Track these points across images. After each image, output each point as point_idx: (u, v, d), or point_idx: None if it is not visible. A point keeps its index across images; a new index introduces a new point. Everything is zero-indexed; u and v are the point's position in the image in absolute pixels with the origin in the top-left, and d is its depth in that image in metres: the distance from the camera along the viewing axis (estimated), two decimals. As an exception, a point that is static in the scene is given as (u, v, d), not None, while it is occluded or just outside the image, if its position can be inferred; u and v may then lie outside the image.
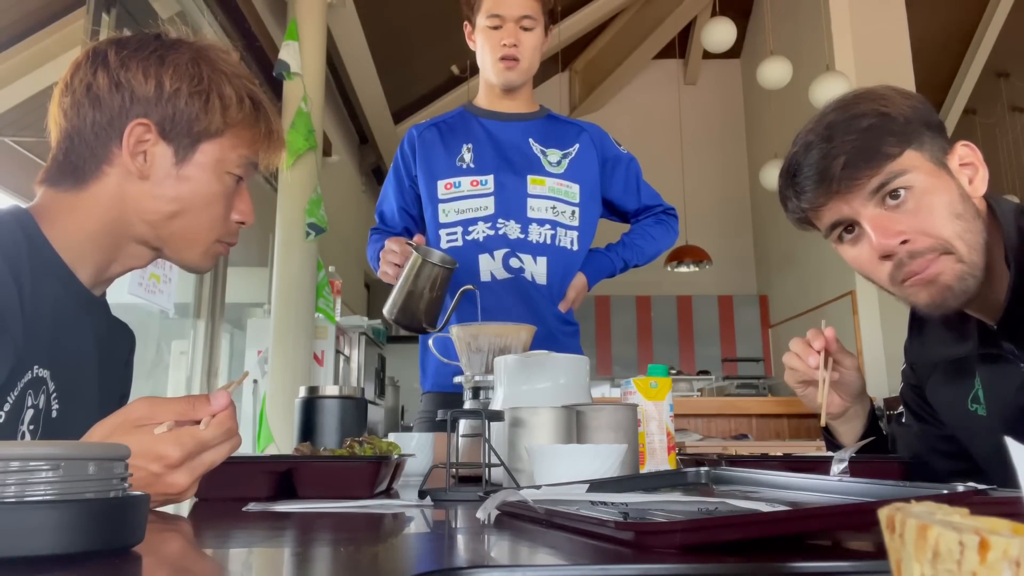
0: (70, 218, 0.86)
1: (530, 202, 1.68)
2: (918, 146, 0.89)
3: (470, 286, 1.42)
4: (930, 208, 0.88)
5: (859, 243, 0.93)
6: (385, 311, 1.47)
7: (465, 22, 1.76)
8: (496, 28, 1.67)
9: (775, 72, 4.76)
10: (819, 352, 1.04)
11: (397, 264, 1.51)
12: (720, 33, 4.81)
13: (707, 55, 7.54)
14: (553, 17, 1.77)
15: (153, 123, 0.85)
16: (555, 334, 1.66)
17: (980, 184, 0.92)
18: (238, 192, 0.93)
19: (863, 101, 0.92)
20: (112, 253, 0.89)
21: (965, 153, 0.93)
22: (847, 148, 0.89)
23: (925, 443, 1.08)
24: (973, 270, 0.87)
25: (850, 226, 0.93)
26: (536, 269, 1.66)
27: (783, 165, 0.98)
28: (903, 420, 1.14)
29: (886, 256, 0.89)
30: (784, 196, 0.98)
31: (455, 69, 6.70)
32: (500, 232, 1.66)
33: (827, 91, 4.45)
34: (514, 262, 1.65)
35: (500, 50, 1.67)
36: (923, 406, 1.09)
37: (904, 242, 0.88)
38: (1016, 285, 0.87)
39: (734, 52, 7.15)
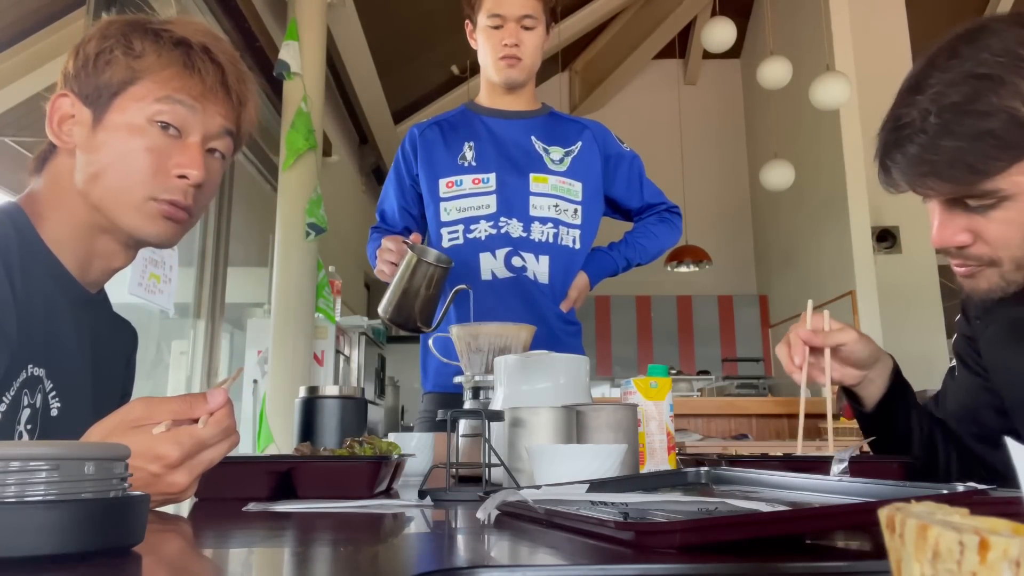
0: (55, 213, 0.86)
1: (532, 200, 1.68)
2: None
3: (463, 286, 1.41)
4: (1010, 226, 0.81)
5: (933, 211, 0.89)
6: (380, 310, 1.47)
7: (466, 21, 1.76)
8: (497, 28, 1.67)
9: (775, 72, 4.76)
10: (799, 366, 1.02)
11: (393, 263, 1.51)
12: (720, 33, 4.81)
13: (707, 55, 7.54)
14: (554, 15, 1.77)
15: (73, 93, 0.86)
16: (557, 334, 1.65)
17: None
18: (181, 145, 0.86)
19: (1001, 86, 0.77)
20: (88, 247, 0.87)
21: None
22: (944, 157, 0.80)
23: (975, 397, 1.03)
24: (1009, 286, 0.87)
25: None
26: (538, 268, 1.66)
27: (883, 122, 0.89)
28: (955, 374, 1.08)
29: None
30: (877, 153, 0.89)
31: (455, 69, 6.70)
32: (502, 231, 1.65)
33: (827, 91, 4.45)
34: (516, 261, 1.65)
35: (501, 50, 1.67)
36: (976, 359, 1.04)
37: (962, 247, 0.85)
38: None
39: (734, 52, 7.15)
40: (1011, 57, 0.78)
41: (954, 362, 1.09)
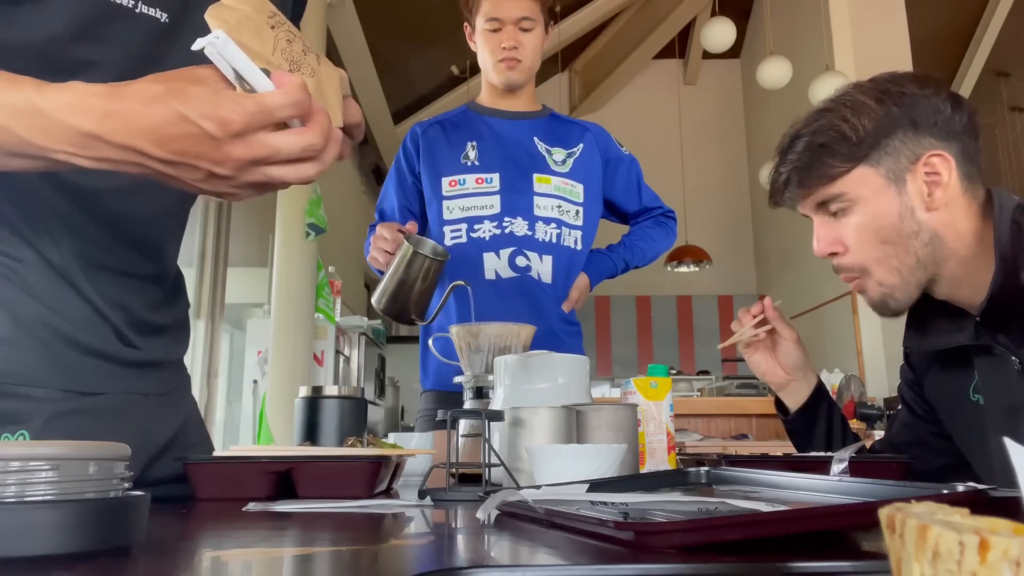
0: None
1: (536, 200, 1.68)
2: (876, 159, 0.93)
3: (461, 282, 1.40)
4: (862, 230, 0.94)
5: None
6: (374, 300, 1.46)
7: (465, 23, 1.76)
8: (495, 31, 1.67)
9: (775, 72, 4.76)
10: (754, 316, 1.18)
11: (387, 251, 1.50)
12: (720, 33, 4.81)
13: (707, 55, 7.54)
14: (552, 15, 1.77)
15: None
16: (558, 334, 1.66)
17: (940, 197, 0.92)
18: None
19: (833, 109, 0.97)
20: None
21: (936, 162, 0.92)
22: (790, 167, 0.98)
23: (913, 433, 1.13)
24: (894, 291, 0.95)
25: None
26: (542, 268, 1.66)
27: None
28: (898, 415, 1.18)
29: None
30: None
31: (455, 69, 6.70)
32: (507, 230, 1.65)
33: (827, 91, 4.44)
34: (520, 260, 1.65)
35: (500, 52, 1.67)
36: (919, 402, 1.12)
37: (833, 253, 0.97)
38: (999, 278, 0.89)
39: (734, 52, 7.15)
40: (843, 95, 0.98)
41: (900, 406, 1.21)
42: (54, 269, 0.80)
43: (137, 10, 0.79)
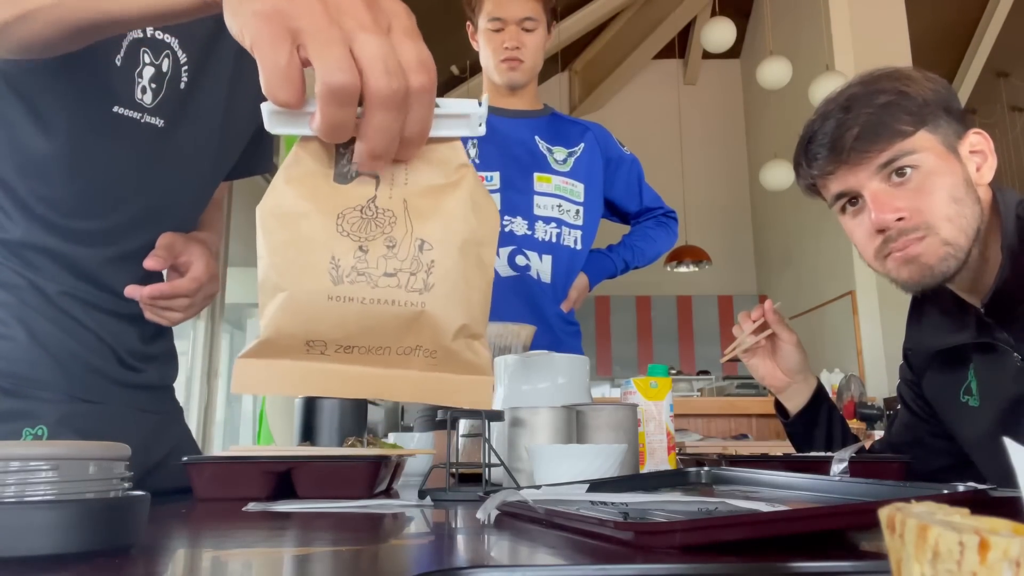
0: None
1: (536, 199, 1.68)
2: (932, 128, 0.92)
3: None
4: (932, 189, 0.91)
5: (860, 215, 0.96)
6: None
7: (468, 23, 1.76)
8: (498, 31, 1.67)
9: (775, 72, 4.76)
10: (755, 321, 1.17)
11: None
12: (720, 33, 4.81)
13: (707, 55, 7.54)
14: (555, 14, 1.77)
15: None
16: (557, 334, 1.66)
17: (987, 172, 0.94)
18: None
19: (886, 78, 0.95)
20: None
21: (977, 141, 0.95)
22: (862, 120, 0.92)
23: (912, 433, 1.12)
24: (956, 252, 0.90)
25: (854, 198, 0.97)
26: (541, 267, 1.66)
27: (801, 133, 1.01)
28: (897, 415, 1.18)
29: (880, 230, 0.93)
30: (797, 162, 1.02)
31: (455, 69, 6.69)
32: (506, 229, 1.65)
33: (827, 91, 4.44)
34: (520, 259, 1.65)
35: (502, 52, 1.67)
36: (917, 401, 1.12)
37: (900, 219, 0.91)
38: (1005, 270, 0.89)
39: (734, 52, 7.15)
40: (887, 70, 0.97)
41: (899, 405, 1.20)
42: (55, 305, 0.90)
43: (142, 120, 0.88)
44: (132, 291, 0.89)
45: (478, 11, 1.71)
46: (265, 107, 0.45)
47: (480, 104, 0.49)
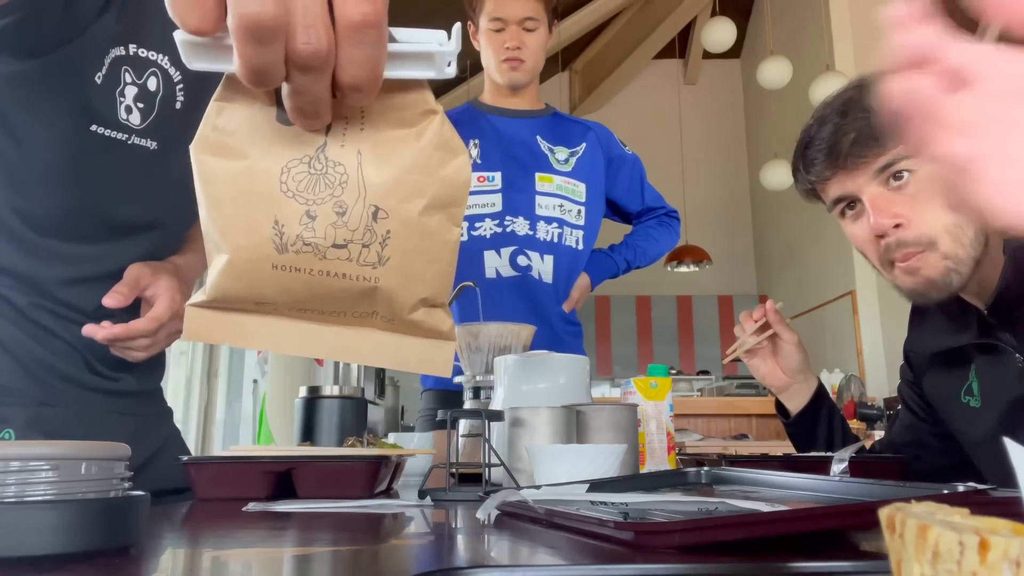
0: None
1: (538, 199, 1.68)
2: None
3: (470, 283, 1.41)
4: (930, 196, 0.89)
5: (859, 220, 0.96)
6: None
7: (469, 23, 1.76)
8: (499, 31, 1.67)
9: (775, 72, 4.76)
10: (756, 321, 1.17)
11: None
12: (720, 33, 4.81)
13: (707, 55, 7.54)
14: (556, 14, 1.77)
15: None
16: (559, 334, 1.66)
17: None
18: None
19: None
20: None
21: None
22: (858, 125, 0.92)
23: (913, 434, 1.12)
24: (958, 266, 0.89)
25: (852, 202, 0.96)
26: (543, 267, 1.66)
27: (799, 138, 1.01)
28: (898, 415, 1.19)
29: (880, 235, 0.92)
30: (795, 167, 1.02)
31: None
32: (508, 229, 1.65)
33: (827, 91, 4.44)
34: (522, 260, 1.65)
35: (504, 52, 1.67)
36: (917, 402, 1.12)
37: (897, 225, 0.90)
38: (1008, 272, 0.89)
39: (734, 52, 7.15)
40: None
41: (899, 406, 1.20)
42: (24, 315, 0.90)
43: (129, 142, 0.84)
44: (89, 331, 0.87)
45: (479, 11, 1.71)
46: (177, 35, 0.38)
47: (449, 38, 0.42)
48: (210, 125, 0.42)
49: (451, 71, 0.42)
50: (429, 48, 0.41)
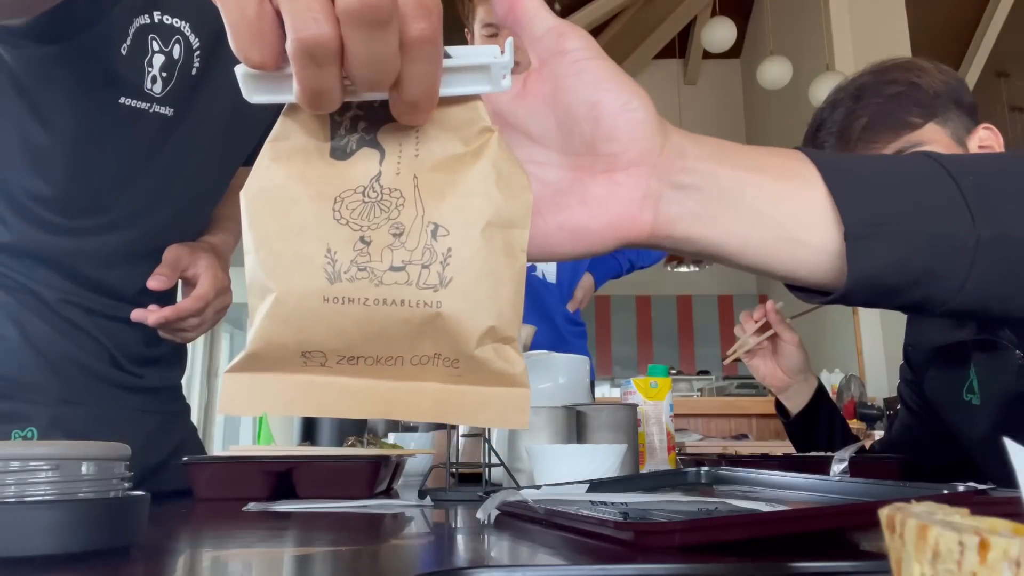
0: None
1: None
2: (942, 121, 0.91)
3: None
4: None
5: None
6: None
7: (465, 30, 1.76)
8: (492, 36, 1.67)
9: (775, 72, 4.76)
10: (756, 321, 1.18)
11: None
12: (720, 33, 4.81)
13: (707, 55, 7.54)
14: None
15: None
16: (563, 334, 1.66)
17: None
18: None
19: (898, 69, 0.95)
20: None
21: (986, 136, 0.95)
22: (871, 110, 0.92)
23: (913, 433, 1.13)
24: None
25: None
26: (547, 267, 1.66)
27: (811, 120, 1.00)
28: (898, 415, 1.19)
29: None
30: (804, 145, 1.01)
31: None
32: None
33: (827, 91, 4.45)
34: None
35: None
36: (917, 401, 1.12)
37: None
38: None
39: (734, 52, 7.15)
40: (899, 61, 0.96)
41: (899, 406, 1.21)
42: (54, 310, 0.90)
43: (151, 111, 0.85)
44: (139, 315, 0.88)
45: (472, 18, 1.70)
46: (239, 70, 0.37)
47: (503, 52, 0.39)
48: (264, 166, 0.40)
49: (507, 83, 0.40)
50: (484, 60, 0.39)
